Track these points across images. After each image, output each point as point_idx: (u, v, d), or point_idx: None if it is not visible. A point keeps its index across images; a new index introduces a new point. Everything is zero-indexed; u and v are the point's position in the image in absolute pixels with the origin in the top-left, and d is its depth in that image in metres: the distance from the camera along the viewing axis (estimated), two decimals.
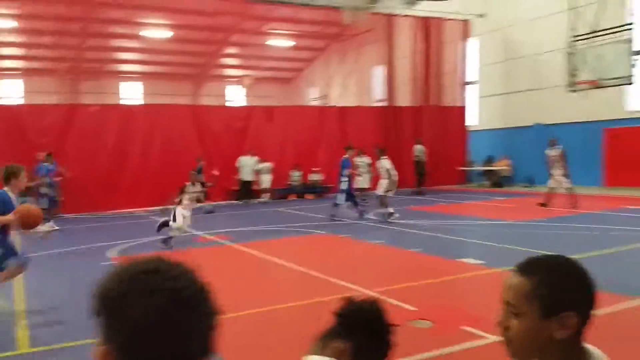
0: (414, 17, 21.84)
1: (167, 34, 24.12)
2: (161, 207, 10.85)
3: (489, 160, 22.02)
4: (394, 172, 12.34)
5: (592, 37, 15.76)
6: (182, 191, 9.98)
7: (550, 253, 1.35)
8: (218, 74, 30.99)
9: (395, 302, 5.60)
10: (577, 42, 16.14)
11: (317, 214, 13.72)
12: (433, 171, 20.64)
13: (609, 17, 15.54)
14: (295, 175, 19.26)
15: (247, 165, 17.81)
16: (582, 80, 15.43)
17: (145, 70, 29.96)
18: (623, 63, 14.47)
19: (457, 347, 4.15)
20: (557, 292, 1.21)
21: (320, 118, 20.44)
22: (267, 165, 18.26)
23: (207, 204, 14.85)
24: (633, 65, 14.46)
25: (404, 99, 21.96)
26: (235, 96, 31.49)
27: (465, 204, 15.99)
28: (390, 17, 21.47)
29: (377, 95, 24.38)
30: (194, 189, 10.50)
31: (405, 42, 21.77)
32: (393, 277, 6.77)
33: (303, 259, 8.18)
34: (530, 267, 1.26)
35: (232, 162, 17.96)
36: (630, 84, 14.70)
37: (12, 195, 5.59)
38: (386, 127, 21.11)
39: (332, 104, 24.55)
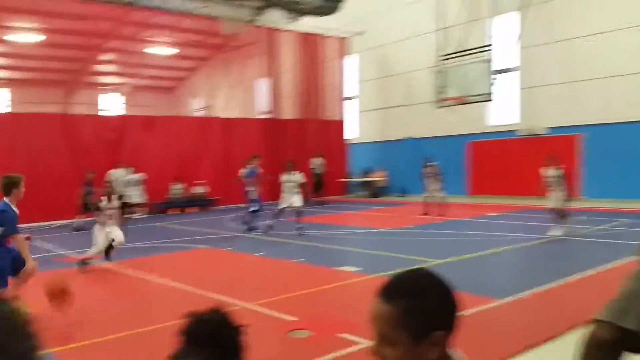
0: (296, 32, 22.33)
1: (38, 38, 22.44)
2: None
3: (367, 172, 23.04)
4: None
5: (457, 56, 17.19)
6: (97, 208, 9.12)
7: (413, 268, 1.38)
8: (93, 81, 29.36)
9: (275, 313, 5.70)
10: (444, 62, 17.50)
11: (199, 227, 13.48)
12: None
13: (472, 39, 17.05)
14: (176, 188, 18.75)
15: (119, 180, 16.92)
16: (449, 97, 16.73)
17: (12, 76, 27.62)
18: (484, 81, 15.91)
19: (334, 355, 4.30)
20: (424, 317, 1.21)
21: (203, 129, 20.12)
22: (136, 177, 17.03)
23: (77, 220, 14.03)
24: (492, 84, 15.95)
25: (288, 111, 22.34)
26: (111, 105, 30.01)
27: (346, 213, 16.56)
28: (273, 31, 21.75)
29: (261, 107, 24.53)
30: (110, 204, 9.25)
31: (289, 56, 22.19)
32: (274, 289, 6.86)
33: (181, 275, 8.00)
34: (394, 293, 1.24)
35: (104, 174, 17.03)
36: (490, 100, 16.18)
37: (14, 207, 5.55)
38: (271, 139, 21.31)
39: (217, 115, 24.29)
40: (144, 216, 17.39)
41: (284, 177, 12.06)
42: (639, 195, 14.76)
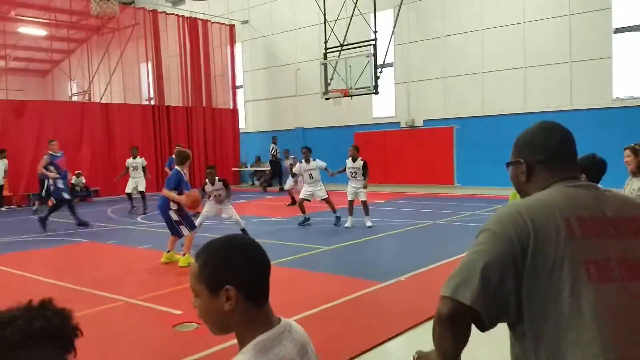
0: (180, 16, 21.64)
1: None
2: None
3: (258, 161, 23.00)
4: None
5: (342, 49, 17.62)
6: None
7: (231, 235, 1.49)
8: None
9: (161, 307, 5.57)
10: (329, 54, 17.87)
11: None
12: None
13: (356, 33, 17.56)
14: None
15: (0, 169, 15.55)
16: (335, 89, 17.12)
17: None
18: (368, 75, 16.45)
19: (223, 345, 4.30)
20: (215, 271, 1.37)
21: (81, 115, 18.91)
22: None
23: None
24: (378, 77, 16.55)
25: (175, 98, 21.64)
26: None
27: (239, 203, 16.42)
28: (155, 13, 20.91)
29: (145, 93, 23.54)
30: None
31: (173, 40, 21.46)
32: (159, 283, 6.68)
33: (58, 271, 7.55)
34: (199, 252, 1.42)
35: None
36: (375, 93, 16.77)
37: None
38: (156, 127, 20.56)
39: (96, 100, 22.92)
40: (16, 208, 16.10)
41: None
42: (507, 183, 16.10)
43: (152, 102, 21.53)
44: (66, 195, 11.29)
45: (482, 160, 16.73)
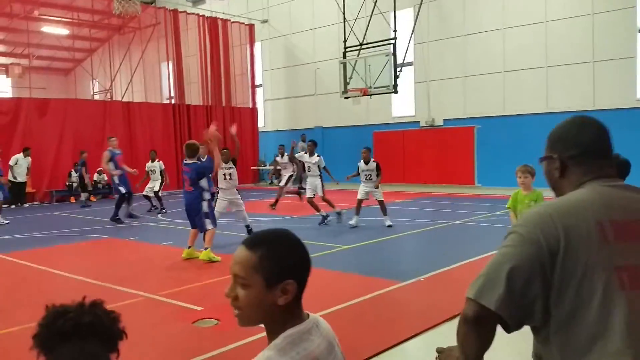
0: (201, 16, 21.79)
1: None
2: None
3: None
4: None
5: (362, 48, 17.59)
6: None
7: (274, 229, 1.47)
8: None
9: (181, 303, 5.62)
10: (349, 53, 17.84)
11: (101, 216, 12.88)
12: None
13: (375, 32, 17.50)
14: (75, 176, 17.76)
15: (23, 165, 15.85)
16: (354, 88, 17.08)
17: None
18: (388, 74, 16.39)
19: (242, 342, 4.32)
20: (278, 264, 1.35)
21: (103, 113, 19.15)
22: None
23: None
24: (397, 76, 16.48)
25: (195, 97, 21.80)
26: (4, 87, 27.78)
27: (258, 201, 16.49)
28: (175, 12, 21.09)
29: (166, 92, 23.75)
30: None
31: (193, 40, 21.62)
32: (180, 279, 6.73)
33: (82, 266, 7.65)
34: (256, 242, 1.39)
35: None
36: (395, 92, 16.70)
37: None
38: (177, 125, 20.73)
39: (117, 98, 23.20)
40: (42, 204, 16.38)
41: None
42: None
43: (173, 101, 21.72)
44: (122, 189, 11.63)
45: (503, 160, 16.56)
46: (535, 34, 16.32)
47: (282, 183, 13.92)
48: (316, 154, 11.27)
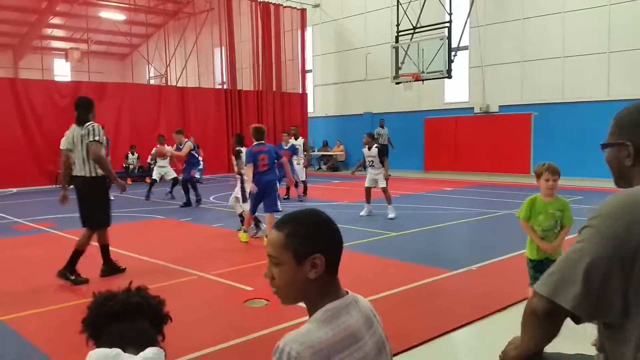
0: (254, 1, 21.91)
1: None
2: None
3: (325, 146, 23.07)
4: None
5: (415, 32, 17.25)
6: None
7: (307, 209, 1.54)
8: (43, 45, 28.11)
9: (232, 283, 5.72)
10: (401, 37, 17.55)
11: (155, 197, 13.26)
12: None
13: (429, 15, 17.13)
14: (132, 158, 18.34)
15: None
16: (406, 73, 16.81)
17: None
18: (441, 58, 16.04)
19: (292, 322, 4.36)
20: (304, 240, 1.43)
21: (159, 98, 19.63)
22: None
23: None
24: (452, 61, 16.10)
25: (247, 83, 22.03)
26: (62, 70, 28.88)
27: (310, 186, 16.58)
28: None
29: (218, 77, 24.09)
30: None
31: (246, 25, 21.78)
32: (231, 259, 6.85)
33: (138, 245, 7.90)
34: (283, 222, 1.47)
35: (56, 142, 16.55)
36: (448, 77, 16.34)
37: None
38: (228, 111, 21.03)
39: (172, 83, 23.72)
40: None
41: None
42: (587, 174, 15.36)
43: (225, 87, 22.02)
44: (184, 176, 11.99)
45: (561, 148, 16.02)
46: (597, 18, 15.58)
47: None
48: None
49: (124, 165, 18.35)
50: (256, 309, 4.89)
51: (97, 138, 5.72)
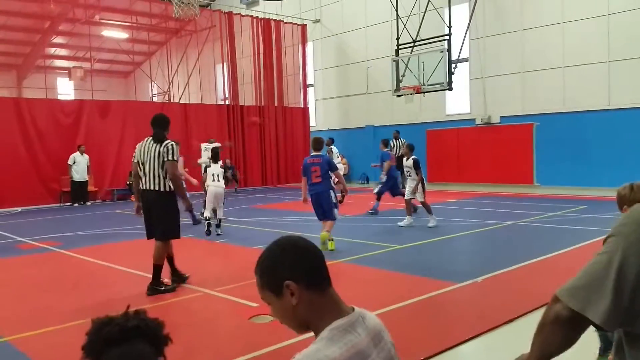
0: (254, 17, 22.10)
1: None
2: None
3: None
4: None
5: (415, 45, 17.36)
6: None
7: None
8: (46, 64, 28.33)
9: (237, 299, 5.71)
10: (401, 50, 17.65)
11: None
12: (280, 169, 21.21)
13: (429, 28, 17.24)
14: None
15: (82, 163, 16.63)
16: (407, 85, 16.88)
17: None
18: (442, 71, 16.11)
19: (297, 339, 4.34)
20: (270, 273, 1.50)
21: None
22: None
23: None
24: (452, 73, 16.17)
25: (249, 98, 22.14)
26: (65, 89, 29.08)
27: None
28: (230, 15, 21.46)
29: (220, 93, 24.23)
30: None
31: (247, 42, 21.95)
32: (235, 276, 6.84)
33: (142, 262, 7.89)
34: (256, 266, 1.56)
35: (60, 160, 16.69)
36: (449, 89, 16.40)
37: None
38: (231, 126, 21.11)
39: (175, 100, 23.85)
40: (105, 203, 17.06)
41: None
42: (591, 183, 15.34)
43: (227, 102, 22.12)
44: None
45: (564, 158, 16.01)
46: (596, 27, 15.65)
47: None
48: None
49: (128, 182, 18.37)
50: (261, 326, 4.87)
51: (175, 157, 5.99)
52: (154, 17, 24.60)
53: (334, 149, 16.86)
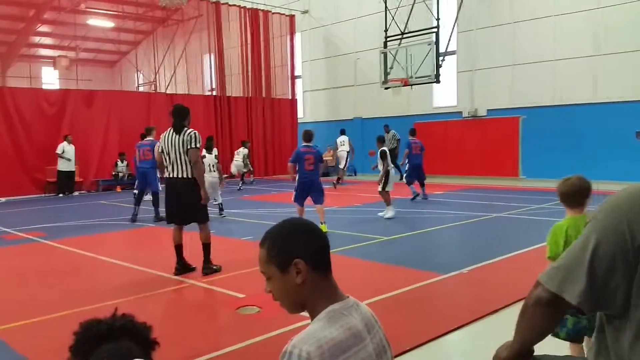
0: (242, 7, 21.93)
1: None
2: None
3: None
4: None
5: (403, 38, 17.34)
6: None
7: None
8: (30, 53, 27.97)
9: (224, 290, 5.70)
10: (390, 43, 17.62)
11: (145, 205, 13.18)
12: (267, 161, 21.16)
13: (418, 21, 17.22)
14: (121, 166, 18.22)
15: (70, 152, 16.43)
16: (394, 78, 16.87)
17: None
18: (430, 63, 16.12)
19: (284, 329, 4.35)
20: (281, 249, 1.51)
21: (148, 105, 19.54)
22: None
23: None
24: (440, 65, 16.19)
25: (237, 89, 22.01)
26: (50, 78, 28.72)
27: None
28: (217, 5, 21.28)
29: (207, 84, 24.07)
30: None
31: (235, 31, 21.80)
32: (223, 267, 6.82)
33: (128, 254, 7.86)
34: (263, 239, 1.56)
35: (45, 150, 16.51)
36: (437, 82, 16.41)
37: None
38: (217, 117, 20.99)
39: (161, 90, 23.66)
40: (89, 193, 16.91)
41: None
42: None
43: (214, 93, 21.98)
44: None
45: (550, 151, 16.14)
46: (587, 21, 15.73)
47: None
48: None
49: (113, 173, 18.23)
50: (248, 316, 4.87)
51: (197, 145, 6.19)
52: (141, 5, 24.33)
53: (345, 138, 17.75)
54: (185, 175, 6.24)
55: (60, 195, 16.39)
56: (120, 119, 18.42)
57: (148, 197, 11.50)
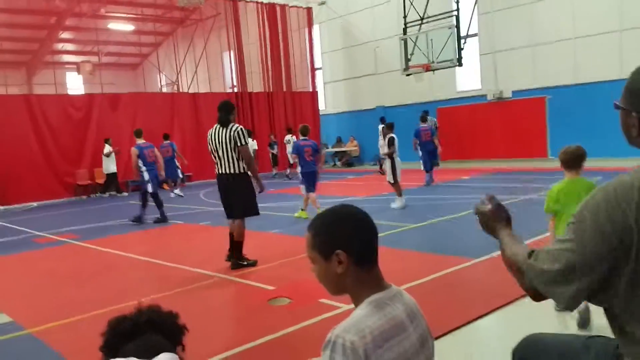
0: (259, 2, 21.93)
1: None
2: None
3: (339, 142, 23.04)
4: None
5: (422, 23, 17.12)
6: None
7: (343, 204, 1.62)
8: (54, 60, 28.47)
9: (254, 283, 5.74)
10: (409, 29, 17.42)
11: (175, 203, 13.37)
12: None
13: (437, 4, 16.98)
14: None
15: (113, 156, 16.93)
16: (416, 64, 16.68)
17: None
18: (451, 47, 15.89)
19: (314, 320, 4.36)
20: (325, 237, 1.51)
21: (171, 105, 19.77)
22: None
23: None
24: (462, 49, 15.95)
25: (257, 84, 22.07)
26: (75, 84, 29.22)
27: (321, 184, 16.57)
28: (235, 2, 21.33)
29: (229, 81, 24.18)
30: None
31: (253, 28, 21.82)
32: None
33: (160, 251, 7.97)
34: (312, 222, 1.58)
35: (73, 154, 16.93)
36: (459, 65, 16.18)
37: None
38: (240, 113, 21.08)
39: (184, 90, 23.89)
40: (123, 195, 17.23)
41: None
42: (604, 154, 15.12)
43: (235, 90, 22.08)
44: (150, 188, 10.87)
45: (577, 130, 15.76)
46: None
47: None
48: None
49: None
50: (279, 308, 4.90)
51: (245, 142, 6.26)
52: (159, 7, 24.55)
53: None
54: (232, 171, 6.30)
55: (107, 195, 16.98)
56: (146, 120, 18.62)
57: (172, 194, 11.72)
